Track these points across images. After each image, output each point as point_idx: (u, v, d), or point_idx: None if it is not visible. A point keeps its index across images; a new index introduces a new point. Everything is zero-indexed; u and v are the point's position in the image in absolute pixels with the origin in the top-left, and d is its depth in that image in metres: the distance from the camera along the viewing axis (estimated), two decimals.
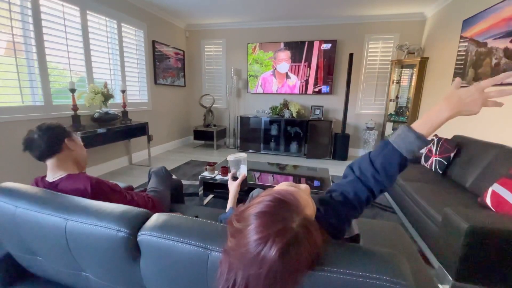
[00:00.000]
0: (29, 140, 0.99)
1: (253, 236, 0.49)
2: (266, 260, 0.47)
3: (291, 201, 0.54)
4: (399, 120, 4.05)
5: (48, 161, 1.02)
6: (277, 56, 4.53)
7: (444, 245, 1.29)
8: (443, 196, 1.74)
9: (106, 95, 2.88)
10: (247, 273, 0.48)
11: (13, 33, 2.20)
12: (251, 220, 0.51)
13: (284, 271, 0.48)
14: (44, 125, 1.03)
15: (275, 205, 0.52)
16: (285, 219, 0.50)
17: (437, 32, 3.51)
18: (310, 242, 0.50)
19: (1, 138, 2.17)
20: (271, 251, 0.46)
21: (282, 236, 0.47)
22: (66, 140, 1.05)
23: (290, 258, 0.47)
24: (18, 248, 0.87)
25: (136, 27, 3.67)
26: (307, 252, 0.50)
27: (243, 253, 0.49)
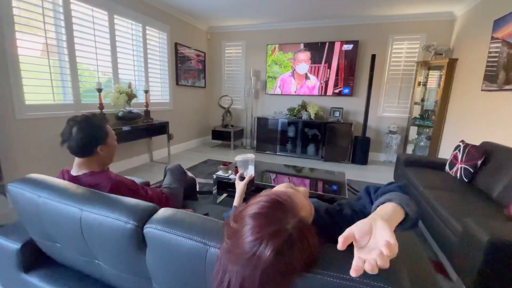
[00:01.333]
0: (65, 135, 1.01)
1: (248, 237, 0.49)
2: (261, 261, 0.47)
3: (287, 203, 0.54)
4: (424, 124, 3.85)
5: (77, 158, 1.08)
6: (296, 57, 4.50)
7: (463, 257, 1.21)
8: (466, 206, 1.63)
9: (130, 95, 3.03)
10: (242, 273, 0.49)
11: (47, 36, 2.38)
12: (247, 221, 0.52)
13: (278, 272, 0.48)
14: (84, 124, 1.02)
15: (270, 206, 0.53)
16: (280, 220, 0.50)
17: (466, 32, 3.30)
18: (304, 244, 0.50)
19: (34, 133, 2.36)
20: (266, 252, 0.47)
21: (276, 238, 0.48)
22: (99, 148, 1.07)
23: (284, 259, 0.47)
24: (40, 234, 0.94)
25: (160, 30, 3.83)
26: (301, 254, 0.49)
27: (238, 253, 0.50)
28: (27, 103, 2.28)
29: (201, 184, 2.95)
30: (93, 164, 1.10)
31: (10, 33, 2.10)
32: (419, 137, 4.01)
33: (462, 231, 1.27)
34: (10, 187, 0.93)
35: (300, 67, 4.51)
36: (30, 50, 2.29)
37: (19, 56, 2.18)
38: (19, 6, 2.17)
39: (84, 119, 1.04)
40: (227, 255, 0.53)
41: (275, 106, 4.85)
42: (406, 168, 2.56)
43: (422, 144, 3.95)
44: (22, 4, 2.19)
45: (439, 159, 2.67)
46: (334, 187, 2.18)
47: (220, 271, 0.53)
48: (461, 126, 3.16)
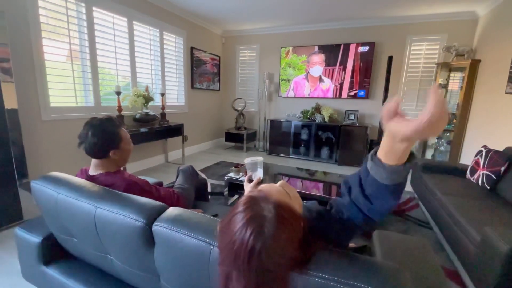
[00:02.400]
0: (82, 138, 1.07)
1: (232, 230, 0.52)
2: (246, 246, 0.49)
3: (259, 194, 0.57)
4: (445, 128, 3.70)
5: (92, 159, 1.13)
6: (310, 60, 4.48)
7: (481, 267, 1.15)
8: (487, 214, 1.55)
9: (147, 98, 3.13)
10: (236, 265, 0.50)
11: (71, 42, 2.52)
12: (230, 220, 0.54)
13: (268, 256, 0.49)
14: (97, 129, 1.06)
15: (245, 203, 0.55)
16: (255, 209, 0.53)
17: (490, 32, 3.15)
18: (285, 223, 0.52)
19: (58, 134, 2.50)
20: (247, 235, 0.49)
21: (253, 221, 0.50)
22: (111, 152, 1.11)
23: (265, 240, 0.49)
24: (59, 229, 1.00)
25: (176, 35, 3.94)
26: (284, 233, 0.51)
27: (227, 248, 0.52)
28: (52, 106, 2.43)
29: (214, 185, 2.99)
30: (108, 165, 1.14)
31: (37, 40, 2.25)
32: (439, 142, 3.85)
33: (480, 240, 1.21)
34: (33, 184, 0.99)
35: (314, 70, 4.48)
36: (55, 56, 2.44)
37: (45, 61, 2.33)
38: (46, 14, 2.31)
39: (99, 124, 1.08)
40: (221, 257, 0.55)
41: (289, 109, 4.84)
42: (424, 173, 2.47)
43: (442, 149, 3.79)
44: (48, 12, 2.34)
45: (460, 165, 2.56)
46: None
47: (221, 274, 0.55)
48: (484, 130, 3.01)
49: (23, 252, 1.12)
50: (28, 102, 2.23)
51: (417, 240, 1.20)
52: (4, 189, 1.93)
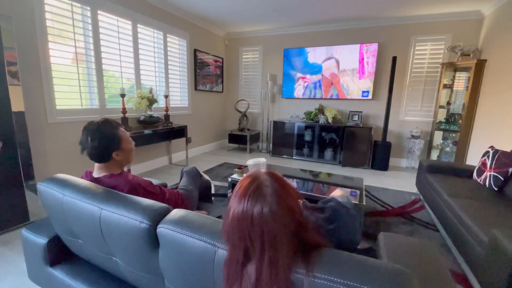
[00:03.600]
0: (83, 144, 1.07)
1: (239, 201, 0.59)
2: (252, 212, 0.56)
3: (253, 173, 0.65)
4: (450, 129, 3.66)
5: (95, 163, 1.14)
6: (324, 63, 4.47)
7: (489, 271, 1.13)
8: (495, 216, 1.52)
9: (151, 100, 3.15)
10: (244, 234, 0.56)
11: (76, 46, 2.56)
12: (236, 194, 0.62)
13: (272, 219, 0.54)
14: (96, 131, 1.06)
15: (244, 179, 0.64)
16: (256, 180, 0.61)
17: (496, 31, 3.11)
18: (284, 189, 0.60)
19: (63, 136, 2.53)
20: (253, 201, 0.57)
21: (256, 189, 0.58)
22: (114, 154, 1.11)
23: (270, 204, 0.55)
24: (64, 230, 1.01)
25: (180, 37, 3.97)
26: (284, 199, 0.58)
27: (233, 221, 0.58)
28: (58, 108, 2.45)
29: (217, 186, 2.99)
30: (112, 167, 1.15)
31: (44, 43, 2.28)
32: (445, 142, 3.81)
33: (488, 243, 1.19)
34: (39, 186, 1.00)
35: (318, 70, 4.46)
36: (61, 59, 2.47)
37: (51, 64, 2.36)
38: (52, 18, 2.35)
39: (96, 128, 1.07)
40: (227, 233, 0.61)
41: (292, 110, 4.83)
42: (429, 174, 2.44)
43: (448, 149, 3.74)
44: (55, 16, 2.37)
45: (466, 166, 2.52)
46: (352, 193, 2.12)
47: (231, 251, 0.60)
48: (490, 130, 2.97)
49: (29, 253, 1.14)
50: (34, 105, 2.27)
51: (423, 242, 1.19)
52: (11, 191, 1.96)
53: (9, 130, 1.90)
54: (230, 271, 0.58)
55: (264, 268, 0.53)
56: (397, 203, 2.66)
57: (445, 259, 1.70)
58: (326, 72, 4.41)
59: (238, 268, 0.57)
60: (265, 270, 0.53)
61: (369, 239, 1.91)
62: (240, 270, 0.57)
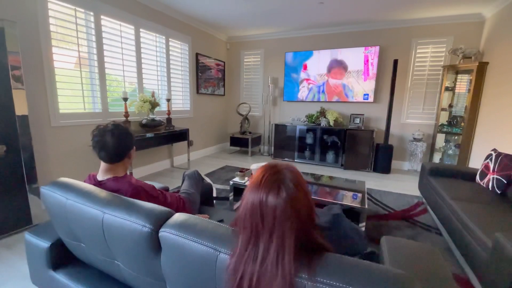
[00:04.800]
0: (100, 143, 1.07)
1: (258, 186, 0.61)
2: (266, 194, 0.59)
3: (273, 162, 0.69)
4: (453, 131, 3.64)
5: (104, 164, 1.13)
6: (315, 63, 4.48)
7: (493, 275, 1.12)
8: (498, 220, 1.51)
9: (153, 104, 3.17)
10: (257, 214, 0.58)
11: (80, 50, 2.58)
12: (256, 181, 0.64)
13: (289, 204, 0.57)
14: (116, 131, 1.08)
15: (263, 167, 0.67)
16: (275, 169, 0.65)
17: (497, 34, 3.11)
18: (300, 180, 0.63)
19: (66, 139, 2.54)
20: (266, 186, 0.60)
21: (276, 177, 0.61)
22: (131, 151, 1.13)
23: (288, 190, 0.59)
24: (67, 234, 1.01)
25: (182, 41, 4.00)
26: (300, 188, 0.61)
27: (248, 203, 0.61)
28: (61, 112, 2.48)
29: (219, 190, 2.99)
30: (118, 169, 1.16)
31: (47, 48, 2.31)
32: (447, 145, 3.79)
33: (492, 247, 1.18)
34: (42, 189, 1.01)
35: (319, 74, 4.48)
36: (64, 63, 2.49)
37: (55, 68, 2.38)
38: (56, 23, 2.38)
39: (115, 127, 1.09)
40: (241, 220, 0.63)
41: (293, 113, 4.84)
42: (431, 177, 2.43)
43: (450, 152, 3.73)
44: (58, 21, 2.41)
45: (469, 169, 2.51)
46: (354, 196, 2.11)
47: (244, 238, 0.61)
48: (493, 133, 2.96)
49: (32, 256, 1.14)
50: (38, 109, 2.29)
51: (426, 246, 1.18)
52: (14, 194, 1.97)
53: (12, 133, 1.92)
54: (239, 255, 0.59)
55: (272, 250, 0.56)
56: (399, 206, 2.65)
57: (448, 263, 1.69)
58: (326, 75, 4.42)
59: (248, 249, 0.59)
60: (272, 252, 0.56)
61: (372, 242, 1.90)
62: (249, 252, 0.59)
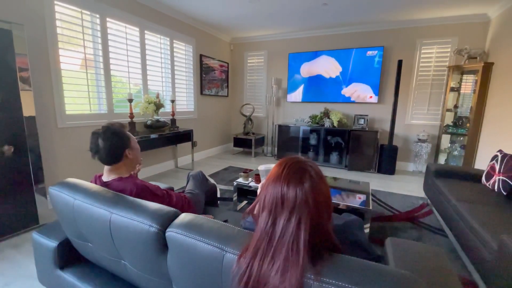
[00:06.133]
0: (94, 148, 1.10)
1: (281, 177, 0.64)
2: (289, 181, 0.63)
3: (295, 156, 0.73)
4: (458, 132, 3.61)
5: (106, 166, 1.16)
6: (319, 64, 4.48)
7: (499, 278, 1.11)
8: (504, 221, 1.50)
9: (157, 105, 3.20)
10: (279, 198, 0.62)
11: (85, 52, 2.61)
12: (279, 171, 0.67)
13: (314, 192, 0.61)
14: (106, 132, 1.09)
15: (288, 160, 0.70)
16: (299, 163, 0.68)
17: (503, 34, 3.08)
18: (321, 175, 0.67)
19: (73, 140, 2.58)
20: (289, 174, 0.64)
21: (301, 168, 0.66)
22: (127, 151, 1.14)
23: (313, 180, 0.63)
24: (74, 234, 1.02)
25: (186, 43, 4.02)
26: (323, 180, 0.65)
27: (270, 187, 0.64)
28: (67, 113, 2.51)
29: (222, 190, 3.00)
30: (122, 169, 1.17)
31: (54, 50, 2.34)
32: (453, 146, 3.76)
33: (498, 249, 1.17)
34: (50, 189, 1.03)
35: (323, 74, 4.47)
36: (70, 65, 2.52)
37: (61, 70, 2.42)
38: (62, 25, 2.42)
39: (106, 129, 1.11)
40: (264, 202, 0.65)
41: (297, 114, 4.84)
42: (436, 179, 2.41)
43: (455, 153, 3.70)
44: (65, 23, 2.44)
45: (474, 170, 2.49)
46: (358, 197, 2.11)
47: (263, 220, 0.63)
48: (499, 134, 2.93)
49: (39, 256, 1.16)
50: (45, 110, 2.32)
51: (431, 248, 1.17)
52: (21, 194, 2.00)
53: (20, 134, 1.95)
54: (261, 234, 0.62)
55: (291, 228, 0.59)
56: (404, 207, 2.63)
57: (454, 265, 1.68)
58: (330, 76, 4.41)
59: (267, 229, 0.61)
60: (291, 229, 0.59)
61: (376, 244, 1.89)
62: (268, 232, 0.61)
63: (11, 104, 1.89)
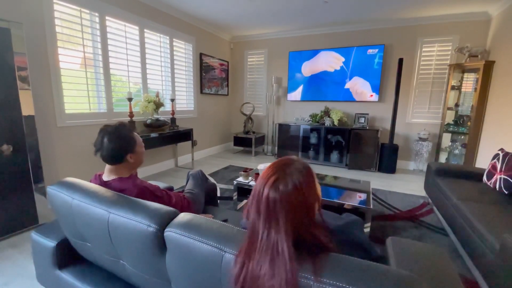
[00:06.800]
0: (98, 145, 1.09)
1: (269, 175, 0.64)
2: (274, 177, 0.62)
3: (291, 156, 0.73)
4: (459, 131, 3.60)
5: (107, 165, 1.15)
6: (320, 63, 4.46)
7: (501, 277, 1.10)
8: (506, 220, 1.49)
9: (157, 104, 3.19)
10: (256, 208, 0.62)
11: (85, 51, 2.60)
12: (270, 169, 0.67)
13: (303, 188, 0.61)
14: (114, 135, 1.09)
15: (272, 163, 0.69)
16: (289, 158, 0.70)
17: (504, 32, 3.06)
18: (309, 171, 0.67)
19: (72, 139, 2.57)
20: (275, 171, 0.64)
21: (286, 165, 0.66)
22: (128, 156, 1.13)
23: (299, 177, 0.62)
24: (73, 233, 1.02)
25: (186, 41, 4.01)
26: (311, 176, 0.65)
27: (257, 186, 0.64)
28: (67, 112, 2.50)
29: (223, 189, 2.99)
30: (122, 170, 1.16)
31: (53, 49, 2.33)
32: (453, 145, 3.75)
33: (499, 248, 1.16)
34: (49, 189, 1.02)
35: (323, 73, 4.46)
36: (70, 64, 2.52)
37: (60, 69, 2.41)
38: (61, 24, 2.40)
39: (114, 130, 1.10)
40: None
41: (297, 113, 4.83)
42: (437, 177, 2.40)
43: (456, 152, 3.68)
44: (64, 22, 2.43)
45: (475, 169, 2.47)
46: (358, 196, 2.10)
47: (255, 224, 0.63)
48: (500, 132, 2.91)
49: (38, 256, 1.15)
50: (44, 109, 2.31)
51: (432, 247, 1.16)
52: (21, 194, 1.99)
53: (19, 133, 1.94)
54: (249, 235, 0.62)
55: (272, 229, 0.59)
56: (405, 206, 2.62)
57: (455, 265, 1.67)
58: (331, 74, 4.40)
59: (254, 229, 0.62)
60: (272, 230, 0.59)
61: (377, 244, 1.88)
62: (254, 231, 0.62)
63: (10, 104, 1.88)
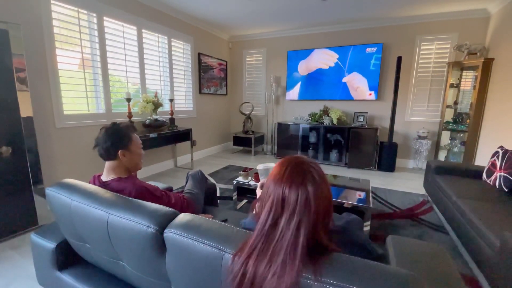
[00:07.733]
0: (96, 140, 1.14)
1: (283, 178, 0.63)
2: (291, 182, 0.62)
3: (300, 156, 0.71)
4: (458, 129, 3.60)
5: (106, 162, 1.16)
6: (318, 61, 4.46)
7: (502, 275, 1.10)
8: (506, 218, 1.49)
9: (156, 104, 3.18)
10: (279, 200, 0.61)
11: (83, 51, 2.60)
12: (281, 172, 0.66)
13: (316, 195, 0.60)
14: (110, 129, 1.14)
15: (290, 160, 0.69)
16: (302, 165, 0.66)
17: (503, 30, 3.06)
18: (324, 177, 0.65)
19: (71, 140, 2.56)
20: (291, 175, 0.63)
21: (304, 171, 0.64)
22: (120, 152, 1.14)
23: (316, 183, 0.61)
24: (72, 235, 1.01)
25: (184, 41, 4.00)
26: (325, 183, 0.64)
27: (270, 187, 0.64)
28: (65, 113, 2.49)
29: (222, 189, 2.99)
30: (120, 169, 1.17)
31: (51, 50, 2.32)
32: (453, 143, 3.75)
33: (499, 246, 1.16)
34: (47, 190, 1.02)
35: (318, 70, 4.45)
36: (68, 65, 2.51)
37: (58, 70, 2.40)
38: (59, 25, 2.39)
39: (112, 125, 1.15)
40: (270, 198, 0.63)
41: (296, 112, 4.82)
42: (437, 175, 2.40)
43: (456, 150, 3.69)
44: (62, 23, 2.42)
45: (475, 167, 2.48)
46: (358, 195, 2.10)
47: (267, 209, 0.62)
48: (499, 130, 2.91)
49: (38, 257, 1.15)
50: (43, 110, 2.30)
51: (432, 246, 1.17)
52: (20, 195, 1.99)
53: (18, 135, 1.94)
54: (258, 234, 0.62)
55: (291, 231, 0.58)
56: (404, 205, 2.63)
57: (456, 263, 1.67)
58: (330, 73, 4.40)
59: (265, 229, 0.61)
60: (290, 232, 0.58)
61: (377, 242, 1.88)
62: (266, 232, 0.61)
63: (8, 105, 1.87)
